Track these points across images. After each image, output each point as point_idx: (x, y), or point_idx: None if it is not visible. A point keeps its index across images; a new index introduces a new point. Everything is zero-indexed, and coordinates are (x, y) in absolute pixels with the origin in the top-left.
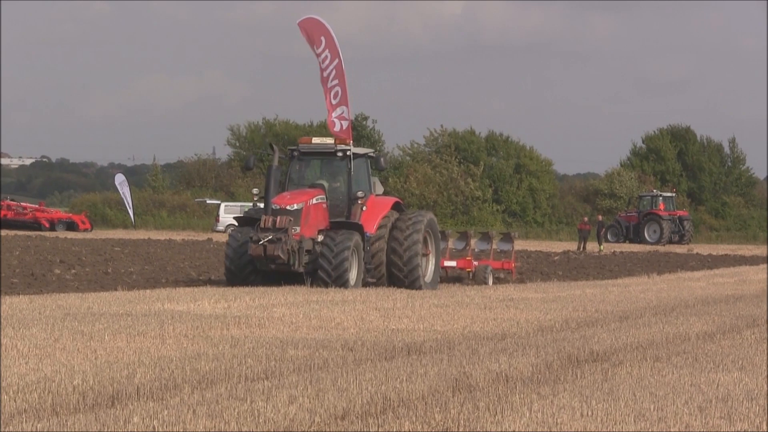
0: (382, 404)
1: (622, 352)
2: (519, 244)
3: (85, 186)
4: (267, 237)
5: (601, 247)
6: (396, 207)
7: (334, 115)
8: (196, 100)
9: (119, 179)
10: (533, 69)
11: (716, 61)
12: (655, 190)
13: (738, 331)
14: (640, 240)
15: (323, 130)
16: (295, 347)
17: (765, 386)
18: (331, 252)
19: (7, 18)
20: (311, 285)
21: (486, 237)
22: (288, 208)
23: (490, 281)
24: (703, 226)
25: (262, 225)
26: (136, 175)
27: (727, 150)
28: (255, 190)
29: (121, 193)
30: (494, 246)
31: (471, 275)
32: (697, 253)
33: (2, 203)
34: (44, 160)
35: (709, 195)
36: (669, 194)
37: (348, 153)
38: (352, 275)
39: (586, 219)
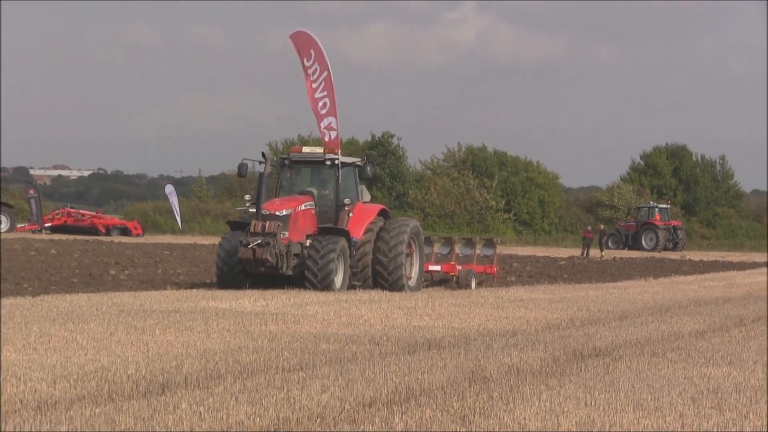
0: (405, 393)
1: (622, 348)
2: (528, 250)
3: (138, 195)
4: (256, 241)
5: (603, 253)
6: (382, 214)
7: (323, 125)
8: (236, 119)
9: (169, 189)
10: (541, 90)
11: (707, 85)
12: (651, 202)
13: (727, 329)
14: (638, 247)
15: (350, 146)
16: (326, 341)
17: (751, 379)
18: (317, 256)
19: (71, 46)
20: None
21: (469, 243)
22: (277, 213)
23: (473, 285)
24: (695, 234)
25: (251, 229)
26: (183, 186)
27: (717, 166)
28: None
29: (170, 202)
30: (477, 251)
31: (455, 279)
32: (689, 259)
33: (63, 211)
34: (101, 172)
35: (702, 207)
36: (664, 206)
37: (336, 162)
38: (338, 279)
39: (589, 228)
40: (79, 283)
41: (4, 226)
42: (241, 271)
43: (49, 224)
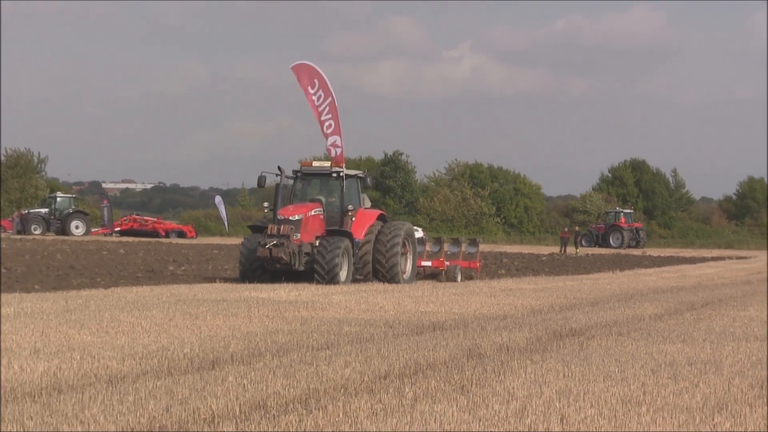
0: (414, 367)
1: (594, 328)
2: (516, 248)
3: (192, 204)
4: (272, 242)
5: (578, 250)
6: (381, 218)
7: (328, 143)
8: (274, 139)
9: (217, 199)
10: (525, 116)
11: (660, 112)
12: (617, 208)
13: (680, 313)
14: (607, 245)
15: (367, 162)
16: (349, 325)
17: (701, 354)
18: (324, 254)
19: (137, 80)
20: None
21: (456, 242)
22: (290, 218)
23: (459, 278)
24: (654, 234)
25: (268, 232)
26: (229, 196)
27: (670, 178)
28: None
29: (219, 209)
30: (463, 249)
31: (444, 273)
32: (649, 255)
33: (130, 217)
34: (161, 185)
35: (659, 212)
36: (628, 211)
37: (341, 174)
38: (343, 274)
39: (566, 229)
40: (143, 277)
41: (81, 231)
42: (259, 267)
43: (119, 229)
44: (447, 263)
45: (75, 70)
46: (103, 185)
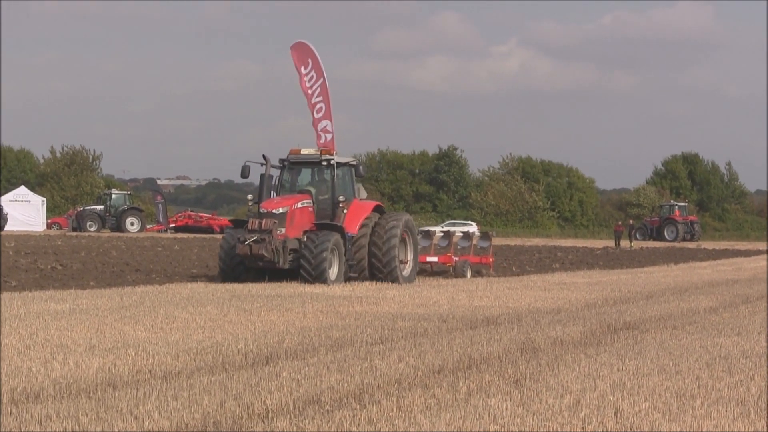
0: (468, 362)
1: (648, 322)
2: (570, 242)
3: (246, 201)
4: (252, 237)
5: (632, 244)
6: (377, 209)
7: (319, 128)
8: None
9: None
10: (575, 111)
11: (712, 104)
12: (672, 201)
13: (735, 306)
14: (661, 238)
15: (423, 157)
16: (402, 319)
17: (756, 347)
18: (311, 250)
19: (190, 78)
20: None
21: (467, 236)
22: (274, 211)
23: (469, 274)
24: (708, 227)
25: (249, 227)
26: None
27: (724, 171)
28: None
29: None
30: (474, 243)
31: (452, 269)
32: (704, 248)
33: (184, 214)
34: (215, 181)
35: (713, 204)
36: (682, 204)
37: (332, 162)
38: (332, 272)
39: (620, 222)
40: (198, 273)
41: (136, 227)
42: (240, 265)
43: (173, 225)
44: (456, 258)
45: (130, 68)
46: (158, 182)
